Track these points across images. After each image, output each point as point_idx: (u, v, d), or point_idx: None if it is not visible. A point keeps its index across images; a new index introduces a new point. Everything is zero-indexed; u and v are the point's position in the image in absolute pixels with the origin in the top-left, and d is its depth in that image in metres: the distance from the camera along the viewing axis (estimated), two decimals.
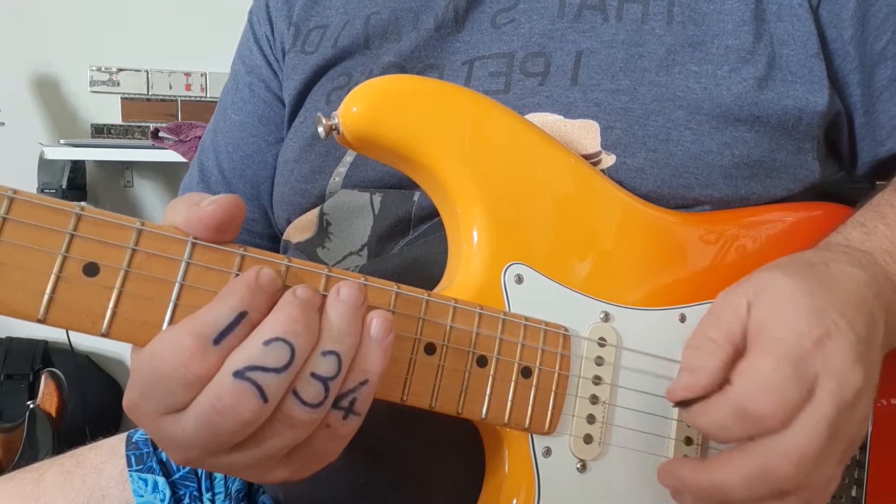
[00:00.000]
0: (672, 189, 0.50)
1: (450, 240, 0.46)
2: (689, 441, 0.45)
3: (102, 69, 2.32)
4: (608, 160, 0.51)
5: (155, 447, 0.64)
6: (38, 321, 0.32)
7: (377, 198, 0.56)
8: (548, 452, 0.42)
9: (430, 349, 0.39)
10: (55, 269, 0.32)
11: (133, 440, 0.64)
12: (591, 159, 0.50)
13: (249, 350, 0.32)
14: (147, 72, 2.37)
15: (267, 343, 0.32)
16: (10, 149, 2.14)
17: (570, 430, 0.42)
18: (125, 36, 2.31)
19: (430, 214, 0.53)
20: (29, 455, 1.84)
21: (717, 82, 0.51)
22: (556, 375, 0.42)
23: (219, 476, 0.64)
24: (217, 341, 0.32)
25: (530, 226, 0.44)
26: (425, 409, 0.40)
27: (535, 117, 0.53)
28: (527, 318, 0.42)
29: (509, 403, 0.41)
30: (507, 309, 0.43)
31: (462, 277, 0.43)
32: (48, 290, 0.32)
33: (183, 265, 0.34)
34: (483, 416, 0.40)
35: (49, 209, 0.32)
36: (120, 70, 2.34)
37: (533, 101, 0.54)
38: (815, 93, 0.52)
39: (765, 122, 0.52)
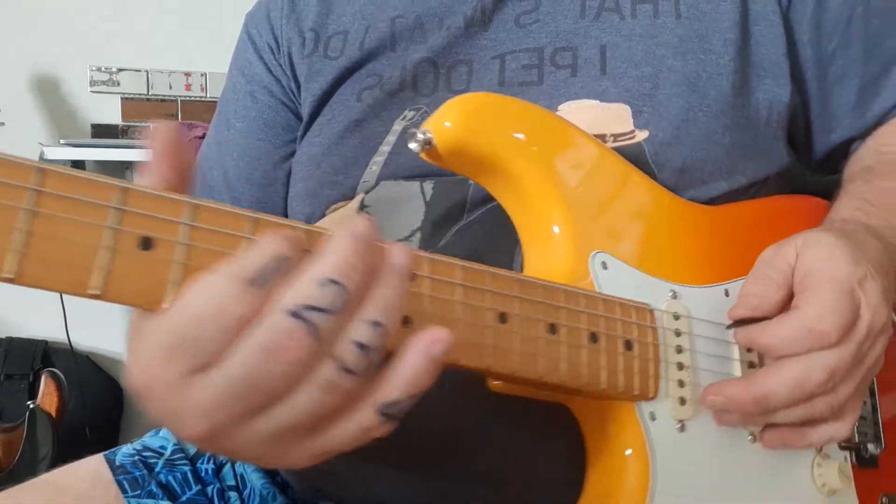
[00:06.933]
0: (694, 162, 0.57)
1: (527, 234, 0.50)
2: None
3: (102, 69, 2.32)
4: (642, 134, 0.57)
5: (150, 469, 0.61)
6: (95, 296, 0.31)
7: (428, 185, 0.58)
8: (653, 416, 0.47)
9: (553, 329, 0.42)
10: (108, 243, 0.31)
11: (118, 464, 0.60)
12: (627, 135, 0.57)
13: (304, 289, 0.31)
14: (147, 72, 2.37)
15: (321, 284, 0.31)
16: (10, 149, 2.06)
17: (668, 394, 0.47)
18: (125, 36, 2.31)
19: (485, 199, 0.55)
20: (29, 455, 1.83)
21: (719, 71, 0.58)
22: (650, 346, 0.47)
23: (233, 497, 0.62)
24: (257, 283, 0.30)
25: (604, 220, 0.50)
26: (554, 388, 0.44)
27: (574, 104, 0.58)
28: (620, 299, 0.47)
29: (621, 374, 0.45)
30: (599, 292, 0.47)
31: (550, 266, 0.48)
32: (103, 264, 0.31)
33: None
34: (602, 386, 0.44)
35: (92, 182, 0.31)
36: (120, 70, 2.34)
37: (568, 91, 0.59)
38: (780, 86, 0.60)
39: (748, 111, 0.59)
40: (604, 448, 0.48)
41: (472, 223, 0.56)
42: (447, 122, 0.46)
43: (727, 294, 0.52)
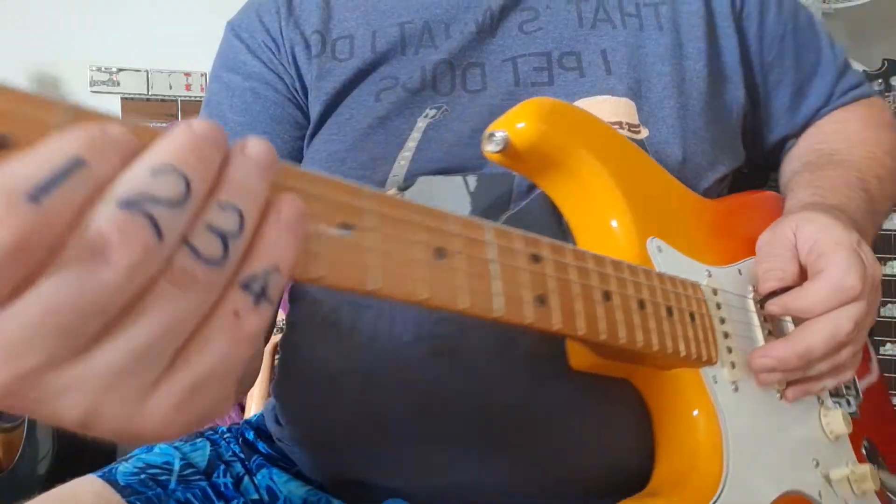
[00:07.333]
0: (688, 156, 0.63)
1: (584, 227, 0.55)
2: None
3: (102, 69, 2.33)
4: (644, 132, 0.63)
5: (163, 486, 0.57)
6: None
7: (471, 178, 0.60)
8: (715, 379, 0.52)
9: (642, 305, 0.46)
10: None
11: (123, 484, 0.56)
12: (635, 128, 0.63)
13: (135, 179, 0.24)
14: (147, 72, 2.37)
15: (156, 173, 0.24)
16: None
17: (723, 359, 0.53)
18: (125, 36, 2.31)
19: (530, 188, 0.58)
20: (29, 455, 1.83)
21: (697, 75, 0.66)
22: (706, 317, 0.53)
23: None
24: (35, 197, 0.22)
25: (651, 211, 0.56)
26: (642, 358, 0.49)
27: (588, 100, 0.63)
28: (679, 278, 0.52)
29: (693, 342, 0.50)
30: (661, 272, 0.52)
31: (612, 252, 0.51)
32: None
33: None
34: (682, 354, 0.49)
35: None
36: (120, 70, 2.34)
37: (580, 89, 0.64)
38: (738, 90, 0.69)
39: (721, 111, 0.67)
40: (671, 412, 0.53)
41: (520, 212, 0.58)
42: (520, 123, 0.50)
43: (740, 273, 0.59)
